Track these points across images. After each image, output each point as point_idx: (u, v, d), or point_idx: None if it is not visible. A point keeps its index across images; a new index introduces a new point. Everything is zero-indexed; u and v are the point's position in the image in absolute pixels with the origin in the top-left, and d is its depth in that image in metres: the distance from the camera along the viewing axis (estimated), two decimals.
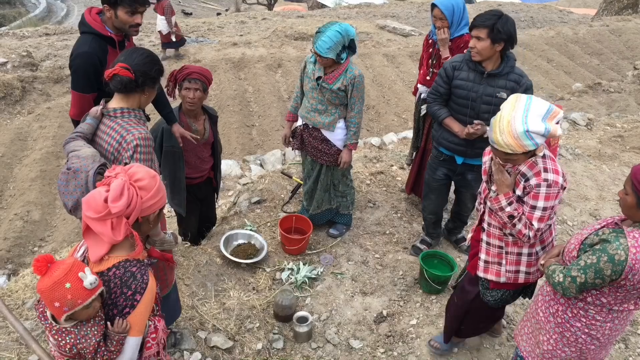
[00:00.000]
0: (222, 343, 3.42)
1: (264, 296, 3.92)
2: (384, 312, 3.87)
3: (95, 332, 1.84)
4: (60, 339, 1.82)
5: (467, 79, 3.52)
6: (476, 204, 3.81)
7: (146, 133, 2.54)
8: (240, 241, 4.40)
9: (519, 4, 23.34)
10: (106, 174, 1.93)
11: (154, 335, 2.08)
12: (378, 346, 3.62)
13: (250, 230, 4.51)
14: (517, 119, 2.45)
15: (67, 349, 1.83)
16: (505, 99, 3.30)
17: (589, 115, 8.01)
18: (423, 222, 4.54)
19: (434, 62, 4.25)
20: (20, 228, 6.54)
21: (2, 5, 35.16)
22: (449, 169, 3.95)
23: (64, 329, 1.81)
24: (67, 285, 1.72)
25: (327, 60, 3.73)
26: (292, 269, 4.17)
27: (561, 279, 2.37)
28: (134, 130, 2.50)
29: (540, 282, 4.22)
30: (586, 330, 2.46)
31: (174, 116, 3.58)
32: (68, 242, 6.16)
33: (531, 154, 2.54)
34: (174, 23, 11.55)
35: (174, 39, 11.70)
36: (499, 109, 3.34)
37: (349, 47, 3.78)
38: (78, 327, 1.82)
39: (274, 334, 3.64)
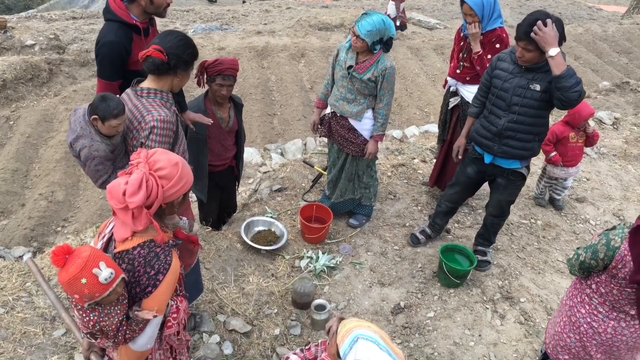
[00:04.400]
0: (241, 327, 3.46)
1: (283, 283, 3.95)
2: (402, 304, 3.88)
3: (118, 312, 1.88)
4: (84, 315, 1.87)
5: (506, 69, 3.46)
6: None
7: (166, 116, 2.56)
8: (261, 228, 4.44)
9: (548, 0, 22.94)
10: (132, 158, 1.95)
11: (175, 315, 2.11)
12: (394, 337, 3.64)
13: (271, 217, 4.54)
14: None
15: (90, 325, 1.88)
16: (539, 91, 3.30)
17: (616, 115, 7.86)
18: (435, 209, 4.42)
19: (465, 56, 4.21)
20: (44, 208, 6.66)
21: None
22: (479, 169, 3.86)
23: (87, 307, 1.86)
24: (83, 281, 1.74)
25: (362, 44, 3.72)
26: (311, 257, 4.19)
27: (571, 256, 2.58)
28: (155, 111, 2.55)
29: (562, 282, 4.22)
30: (588, 320, 2.53)
31: (185, 104, 3.57)
32: (91, 223, 6.25)
33: None
34: (402, 9, 12.43)
35: (398, 24, 12.51)
36: (531, 102, 3.36)
37: (385, 43, 3.78)
38: (102, 305, 1.86)
39: (292, 320, 3.67)
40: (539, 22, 3.04)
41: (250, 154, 6.63)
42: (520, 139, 3.51)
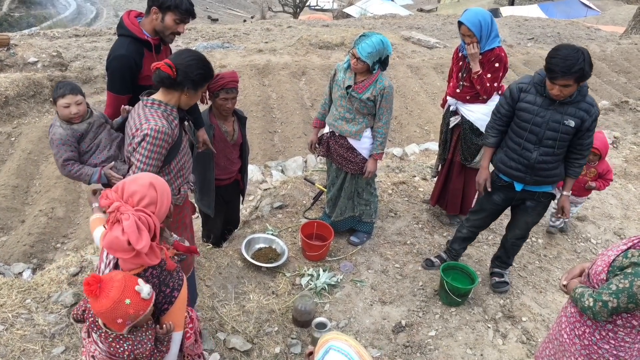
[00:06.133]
0: (241, 345, 3.44)
1: (284, 301, 3.93)
2: (403, 322, 3.86)
3: (150, 337, 1.90)
4: (118, 347, 1.87)
5: (533, 102, 3.36)
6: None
7: (163, 127, 2.58)
8: (262, 245, 4.43)
9: (546, 20, 23.23)
10: (102, 204, 1.89)
11: (190, 325, 2.15)
12: (396, 356, 3.61)
13: (272, 234, 4.54)
14: None
15: (125, 356, 1.88)
16: (572, 128, 3.28)
17: (615, 134, 7.90)
18: (454, 234, 4.34)
19: (464, 75, 4.25)
20: (44, 224, 6.66)
21: (33, 6, 35.98)
22: (506, 196, 3.78)
23: (121, 337, 1.85)
24: (127, 301, 1.75)
25: (362, 65, 3.75)
26: (312, 275, 4.18)
27: (591, 304, 2.30)
28: (152, 121, 2.58)
29: (563, 301, 4.19)
30: (614, 352, 2.40)
31: (201, 120, 3.63)
32: (90, 240, 6.24)
33: None
34: None
35: None
36: (565, 137, 3.34)
37: (383, 62, 3.82)
38: (134, 334, 1.87)
39: (292, 338, 3.65)
40: (565, 211, 3.63)
41: (251, 171, 6.65)
42: (551, 168, 3.49)
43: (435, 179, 5.03)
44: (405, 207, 5.25)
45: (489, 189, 3.82)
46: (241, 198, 4.42)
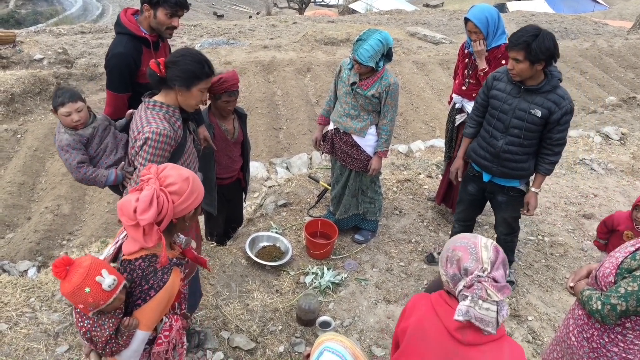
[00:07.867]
0: (245, 344, 3.43)
1: (288, 299, 3.92)
2: None
3: (111, 325, 1.90)
4: (79, 320, 1.90)
5: (503, 90, 3.41)
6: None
7: (164, 129, 2.55)
8: (266, 243, 4.41)
9: (553, 15, 23.07)
10: (142, 174, 1.95)
11: (167, 333, 2.09)
12: None
13: (276, 232, 4.52)
14: None
15: (82, 332, 1.91)
16: (539, 117, 3.26)
17: (623, 130, 7.83)
18: (451, 230, 4.38)
19: (470, 72, 4.20)
20: (50, 221, 6.68)
21: (39, 3, 36.08)
22: (479, 186, 3.83)
23: (83, 313, 1.88)
24: (87, 290, 1.75)
25: (366, 68, 3.73)
26: (316, 274, 4.16)
27: (599, 307, 2.27)
28: (154, 123, 2.56)
29: (570, 301, 4.16)
30: (623, 355, 2.36)
31: (201, 118, 3.61)
32: (96, 237, 6.26)
33: None
34: None
35: None
36: (532, 127, 3.33)
37: (386, 55, 3.78)
38: (97, 315, 1.88)
39: (296, 337, 3.63)
40: (530, 207, 3.58)
41: (255, 168, 6.64)
42: (518, 160, 3.48)
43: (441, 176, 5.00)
44: (410, 204, 5.22)
45: (460, 179, 3.93)
46: (244, 196, 4.41)
